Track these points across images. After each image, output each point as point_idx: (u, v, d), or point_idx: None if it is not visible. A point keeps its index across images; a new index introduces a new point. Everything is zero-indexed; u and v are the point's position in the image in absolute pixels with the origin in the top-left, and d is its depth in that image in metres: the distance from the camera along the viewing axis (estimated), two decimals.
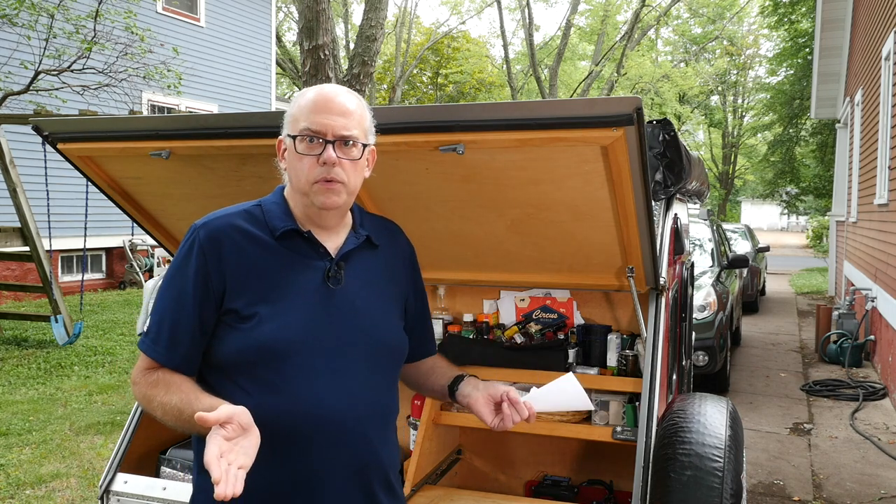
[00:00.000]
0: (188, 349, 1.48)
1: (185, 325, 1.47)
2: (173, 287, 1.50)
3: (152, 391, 1.45)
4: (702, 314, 6.33)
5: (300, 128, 1.48)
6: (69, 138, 2.30)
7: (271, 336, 1.44)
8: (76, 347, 7.77)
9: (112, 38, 9.29)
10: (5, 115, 7.92)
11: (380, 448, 1.53)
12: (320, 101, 1.49)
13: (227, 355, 1.47)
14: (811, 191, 24.84)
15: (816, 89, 13.47)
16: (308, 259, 1.52)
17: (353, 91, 1.57)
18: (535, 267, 2.61)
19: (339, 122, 1.47)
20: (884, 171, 7.38)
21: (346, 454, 1.47)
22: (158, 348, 1.48)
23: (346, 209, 1.58)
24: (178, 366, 1.48)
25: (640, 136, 1.78)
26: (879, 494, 4.41)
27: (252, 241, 1.50)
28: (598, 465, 3.15)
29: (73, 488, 4.19)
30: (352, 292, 1.53)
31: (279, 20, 22.99)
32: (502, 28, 25.42)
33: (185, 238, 1.51)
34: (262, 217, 1.54)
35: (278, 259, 1.50)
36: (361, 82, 7.86)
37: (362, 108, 1.55)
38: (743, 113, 36.86)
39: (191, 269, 1.47)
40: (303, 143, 1.48)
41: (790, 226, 54.12)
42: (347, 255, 1.56)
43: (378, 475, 1.54)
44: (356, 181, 1.53)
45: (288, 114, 1.54)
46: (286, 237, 1.52)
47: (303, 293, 1.49)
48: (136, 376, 1.51)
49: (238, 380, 1.45)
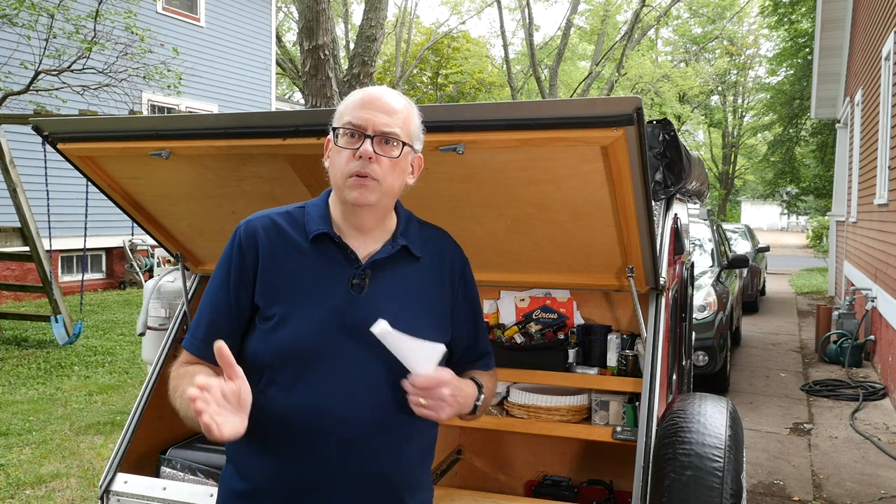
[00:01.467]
0: (225, 338, 1.45)
1: (221, 319, 1.51)
2: (214, 282, 1.55)
3: (177, 382, 1.49)
4: (702, 314, 6.33)
5: (343, 122, 1.49)
6: (69, 138, 2.30)
7: (286, 340, 1.45)
8: (76, 347, 7.77)
9: (112, 38, 9.29)
10: (5, 115, 7.92)
11: (388, 462, 1.49)
12: (367, 98, 1.50)
13: (245, 354, 1.50)
14: (811, 191, 24.85)
15: (816, 89, 13.47)
16: (337, 264, 1.51)
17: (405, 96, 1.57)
18: (535, 267, 2.61)
19: (381, 118, 1.47)
20: (884, 171, 7.38)
21: (350, 464, 1.46)
22: (195, 341, 1.53)
23: (382, 210, 1.54)
24: (213, 360, 1.44)
25: (640, 136, 1.78)
26: (879, 494, 4.41)
27: (286, 241, 1.52)
28: (598, 465, 3.15)
29: (73, 488, 4.19)
30: (376, 302, 1.49)
31: (279, 20, 22.99)
32: (502, 28, 25.45)
33: (232, 235, 1.56)
34: (301, 219, 1.55)
35: (307, 262, 1.50)
36: (361, 82, 7.86)
37: (410, 111, 1.54)
38: (743, 113, 36.87)
39: (230, 265, 1.53)
40: (344, 136, 1.48)
41: (790, 226, 54.13)
42: (378, 263, 1.52)
43: (384, 490, 1.49)
44: (393, 182, 1.50)
45: (336, 111, 1.54)
46: (319, 241, 1.52)
47: (324, 298, 1.48)
48: (174, 369, 1.54)
49: (254, 379, 1.44)
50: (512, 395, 2.91)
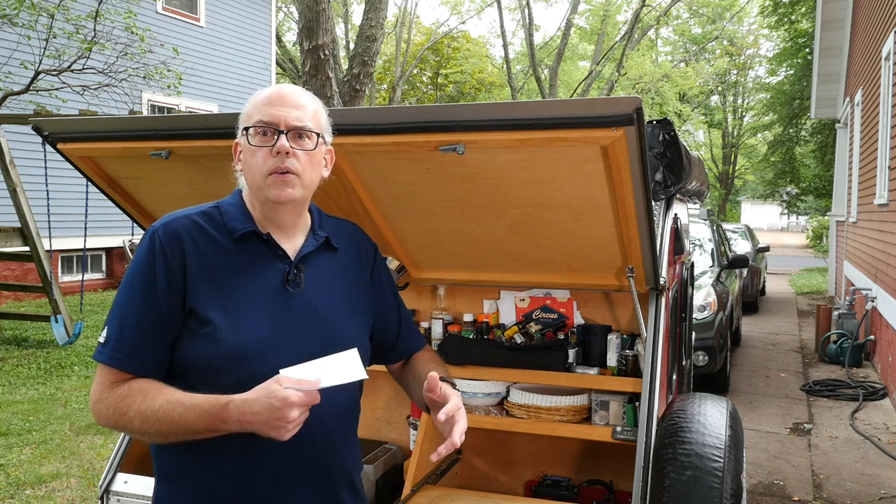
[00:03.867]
0: (157, 352, 1.42)
1: (151, 328, 1.41)
2: (134, 290, 1.43)
3: (125, 403, 1.37)
4: (702, 314, 6.33)
5: (254, 121, 1.47)
6: (69, 138, 2.30)
7: (233, 343, 1.40)
8: (76, 347, 7.77)
9: (112, 38, 9.29)
10: (5, 115, 7.92)
11: (343, 450, 1.52)
12: (274, 95, 1.49)
13: (187, 361, 1.43)
14: (811, 191, 24.86)
15: (816, 89, 13.47)
16: (267, 262, 1.49)
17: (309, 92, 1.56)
18: (535, 267, 2.61)
19: (292, 113, 1.46)
20: (884, 171, 7.38)
21: (309, 458, 1.46)
22: (121, 356, 1.40)
23: (302, 206, 1.54)
24: (147, 372, 1.41)
25: (640, 136, 1.78)
26: (879, 494, 4.41)
27: (211, 242, 1.47)
28: (598, 465, 3.14)
29: (73, 488, 4.19)
30: (312, 295, 1.50)
31: (279, 20, 22.99)
32: (502, 28, 25.44)
33: (144, 239, 1.46)
34: (220, 219, 1.51)
35: (236, 262, 1.47)
36: (361, 82, 7.87)
37: (317, 106, 1.54)
38: (743, 113, 36.87)
39: (154, 271, 1.42)
40: (256, 135, 1.46)
41: (790, 226, 54.12)
42: (306, 257, 1.53)
43: (342, 478, 1.53)
44: (312, 176, 1.50)
45: (242, 113, 1.52)
46: (245, 239, 1.49)
47: (262, 297, 1.46)
48: (99, 393, 1.41)
49: (199, 387, 1.39)
50: (512, 395, 2.91)
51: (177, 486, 1.47)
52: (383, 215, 2.44)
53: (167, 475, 1.49)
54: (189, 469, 1.44)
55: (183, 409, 1.34)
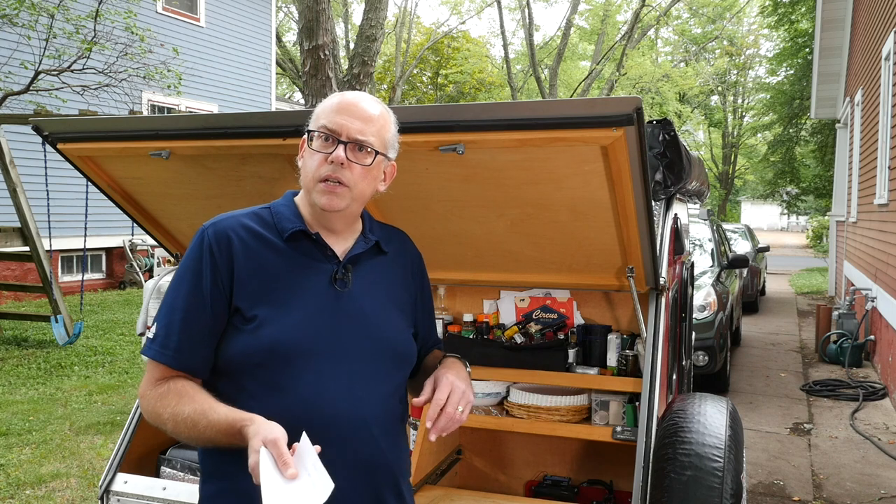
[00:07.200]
0: (202, 349, 1.46)
1: (197, 324, 1.45)
2: (182, 287, 1.47)
3: (161, 404, 1.42)
4: (702, 314, 6.33)
5: (319, 125, 1.49)
6: (69, 138, 2.30)
7: (277, 338, 1.43)
8: (76, 347, 7.77)
9: (112, 38, 9.29)
10: (5, 115, 7.92)
11: (387, 451, 1.52)
12: (344, 103, 1.50)
13: (232, 357, 1.46)
14: (811, 191, 24.86)
15: (816, 89, 13.47)
16: (315, 261, 1.51)
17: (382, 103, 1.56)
18: (535, 267, 2.61)
19: (356, 125, 1.47)
20: (884, 171, 7.38)
21: (351, 454, 1.46)
22: (167, 352, 1.45)
23: (351, 215, 1.56)
24: (191, 368, 1.46)
25: (640, 136, 1.78)
26: (879, 494, 4.41)
27: (260, 241, 1.50)
28: (598, 465, 3.15)
29: (73, 488, 4.19)
30: (359, 296, 1.53)
31: (279, 20, 23.00)
32: (502, 28, 25.44)
33: (194, 239, 1.50)
34: (270, 219, 1.54)
35: (286, 260, 1.50)
36: (361, 82, 7.87)
37: (386, 118, 1.55)
38: (743, 113, 36.88)
39: (201, 268, 1.46)
40: (318, 140, 1.48)
41: (790, 226, 54.13)
42: (355, 258, 1.55)
43: (386, 478, 1.53)
44: (364, 189, 1.51)
45: (313, 113, 1.54)
46: (294, 239, 1.51)
47: (309, 295, 1.48)
48: (145, 388, 1.47)
49: (244, 383, 1.44)
50: (512, 395, 2.91)
51: (220, 485, 1.49)
52: (383, 215, 2.44)
53: (211, 474, 1.52)
54: (232, 469, 1.44)
55: (207, 424, 1.37)
